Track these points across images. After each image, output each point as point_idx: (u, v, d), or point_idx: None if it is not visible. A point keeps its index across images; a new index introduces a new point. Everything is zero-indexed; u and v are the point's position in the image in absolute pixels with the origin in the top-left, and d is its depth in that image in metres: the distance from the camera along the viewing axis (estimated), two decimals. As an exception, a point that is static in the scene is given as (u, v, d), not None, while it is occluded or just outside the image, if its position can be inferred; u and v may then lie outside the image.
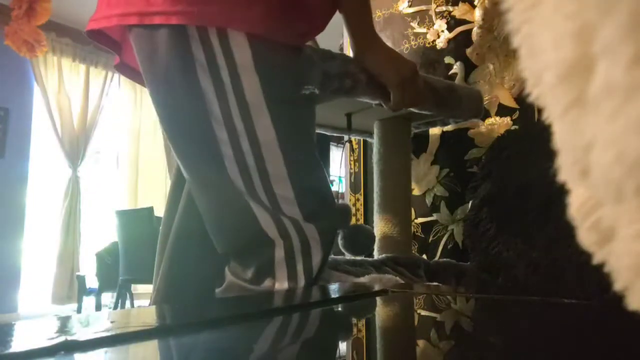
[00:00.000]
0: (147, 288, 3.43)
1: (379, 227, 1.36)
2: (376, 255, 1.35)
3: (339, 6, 0.92)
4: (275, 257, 0.80)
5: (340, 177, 5.20)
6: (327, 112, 1.30)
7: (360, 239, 1.31)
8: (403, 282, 0.78)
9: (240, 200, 0.78)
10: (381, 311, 0.61)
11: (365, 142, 1.77)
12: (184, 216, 0.89)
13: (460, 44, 1.51)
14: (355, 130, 1.49)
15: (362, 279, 0.80)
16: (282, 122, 0.78)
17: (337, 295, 0.65)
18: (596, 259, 0.20)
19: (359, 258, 1.28)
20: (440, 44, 1.55)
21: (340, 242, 1.33)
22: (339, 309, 0.60)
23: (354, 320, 0.56)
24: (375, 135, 1.40)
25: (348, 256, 1.35)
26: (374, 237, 1.34)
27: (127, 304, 3.42)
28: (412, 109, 1.12)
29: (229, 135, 0.76)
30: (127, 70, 0.98)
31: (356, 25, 0.93)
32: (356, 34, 0.94)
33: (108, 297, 3.90)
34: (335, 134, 1.50)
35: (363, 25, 0.94)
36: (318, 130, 1.42)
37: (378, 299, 0.65)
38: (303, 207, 0.79)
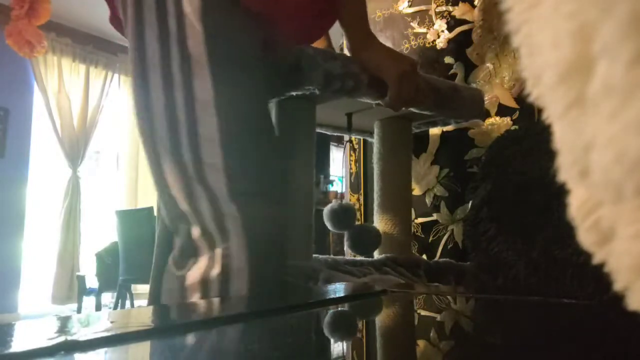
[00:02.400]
0: (147, 288, 3.42)
1: (379, 227, 1.36)
2: (376, 255, 1.35)
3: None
4: (193, 236, 0.73)
5: (340, 177, 5.21)
6: (327, 112, 1.30)
7: (366, 239, 1.32)
8: (402, 281, 0.78)
9: (162, 162, 0.73)
10: (381, 311, 0.61)
11: (365, 142, 1.77)
12: None
13: (460, 44, 1.51)
14: (356, 130, 1.49)
15: (363, 279, 0.79)
16: (223, 85, 0.72)
17: (336, 295, 0.65)
18: (596, 259, 0.20)
19: (358, 258, 1.28)
20: (440, 44, 1.55)
21: (346, 242, 1.33)
22: (339, 309, 0.60)
23: (354, 320, 0.56)
24: (375, 135, 1.40)
25: (349, 256, 1.35)
26: (380, 236, 1.34)
27: (127, 304, 3.42)
28: (413, 109, 1.12)
29: (164, 84, 0.73)
30: (119, 23, 0.94)
31: (351, 24, 0.93)
32: (352, 33, 0.94)
33: (108, 297, 3.90)
34: (335, 134, 1.50)
35: (359, 23, 0.93)
36: (318, 130, 1.42)
37: (378, 299, 0.65)
38: (231, 182, 0.71)
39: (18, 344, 0.35)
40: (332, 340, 0.45)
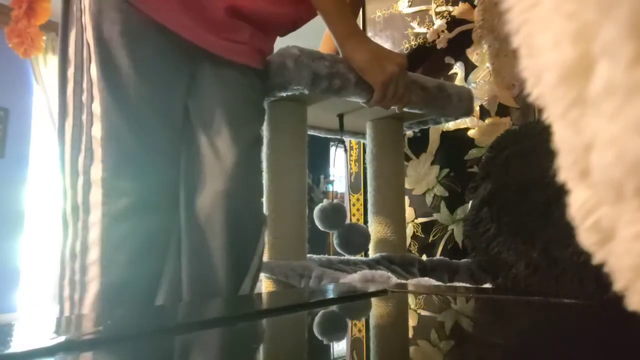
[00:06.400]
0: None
1: (374, 227, 1.36)
2: (371, 254, 1.35)
3: (316, 8, 0.93)
4: (66, 210, 0.79)
5: (337, 176, 5.19)
6: (319, 114, 1.30)
7: (355, 238, 1.32)
8: (392, 276, 0.78)
9: (66, 132, 0.82)
10: (381, 311, 0.61)
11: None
12: None
13: (460, 44, 1.51)
14: (349, 132, 1.49)
15: (354, 275, 0.79)
16: (103, 61, 0.80)
17: (336, 295, 0.65)
18: (596, 259, 0.20)
19: (352, 257, 1.29)
20: (440, 44, 1.55)
21: (335, 241, 1.34)
22: (339, 309, 0.60)
23: (354, 320, 0.56)
24: (367, 136, 1.41)
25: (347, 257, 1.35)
26: (368, 235, 1.34)
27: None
28: (401, 108, 1.12)
29: (75, 70, 0.82)
30: None
31: (333, 25, 0.94)
32: (336, 34, 0.94)
33: (108, 297, 3.89)
34: (329, 136, 1.50)
35: (340, 24, 0.94)
36: (311, 132, 1.42)
37: (378, 299, 0.65)
38: (106, 157, 0.78)
39: (18, 344, 0.35)
40: (331, 341, 0.45)
